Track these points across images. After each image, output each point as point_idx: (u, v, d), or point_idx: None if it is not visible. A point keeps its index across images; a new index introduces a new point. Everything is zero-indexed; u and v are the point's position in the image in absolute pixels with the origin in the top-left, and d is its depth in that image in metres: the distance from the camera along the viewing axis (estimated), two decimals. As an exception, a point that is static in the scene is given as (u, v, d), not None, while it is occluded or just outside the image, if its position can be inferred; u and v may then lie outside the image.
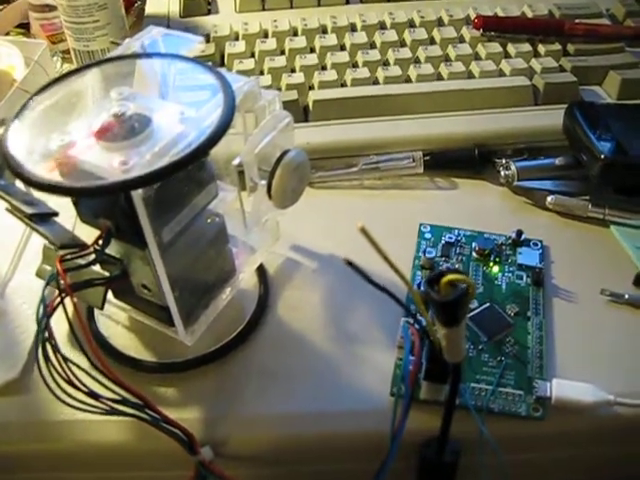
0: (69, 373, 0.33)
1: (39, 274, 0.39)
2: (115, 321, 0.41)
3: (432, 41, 0.57)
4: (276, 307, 0.42)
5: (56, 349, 0.32)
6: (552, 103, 0.52)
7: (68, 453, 0.37)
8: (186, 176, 0.34)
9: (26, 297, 0.42)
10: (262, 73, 0.55)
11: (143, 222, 0.32)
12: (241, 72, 0.54)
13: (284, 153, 0.39)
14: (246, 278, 0.43)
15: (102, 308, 0.38)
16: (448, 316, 0.29)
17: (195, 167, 0.34)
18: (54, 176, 0.31)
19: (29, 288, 0.42)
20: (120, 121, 0.33)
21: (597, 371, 0.38)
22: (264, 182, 0.38)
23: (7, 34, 0.67)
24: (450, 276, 0.28)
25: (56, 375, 0.33)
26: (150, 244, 0.33)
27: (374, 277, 0.34)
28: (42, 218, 0.35)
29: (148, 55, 0.38)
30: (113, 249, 0.36)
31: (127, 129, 0.33)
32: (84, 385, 0.33)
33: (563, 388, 0.36)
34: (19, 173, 0.30)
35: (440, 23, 0.59)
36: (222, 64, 0.56)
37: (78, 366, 0.33)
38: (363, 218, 0.47)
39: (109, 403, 0.33)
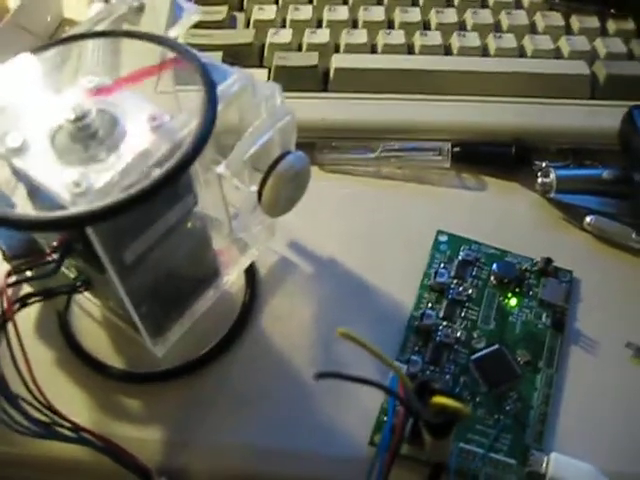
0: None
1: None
2: (89, 314, 0.38)
3: (484, 3, 0.49)
4: (261, 317, 0.38)
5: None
6: (613, 98, 0.44)
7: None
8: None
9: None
10: (284, 25, 0.48)
11: (99, 251, 0.28)
12: (259, 22, 0.48)
13: (280, 157, 0.33)
14: (234, 279, 0.38)
15: (66, 313, 0.34)
16: (433, 432, 0.25)
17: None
18: None
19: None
20: (79, 127, 0.28)
21: (600, 445, 0.33)
22: (254, 188, 0.34)
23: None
24: (440, 399, 0.23)
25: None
26: (109, 270, 0.29)
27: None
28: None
29: (127, 34, 0.32)
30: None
31: (87, 136, 0.28)
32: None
33: (561, 466, 0.32)
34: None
35: (497, -20, 0.50)
36: (241, 8, 0.50)
37: (28, 402, 0.30)
38: (375, 214, 0.43)
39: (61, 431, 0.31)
